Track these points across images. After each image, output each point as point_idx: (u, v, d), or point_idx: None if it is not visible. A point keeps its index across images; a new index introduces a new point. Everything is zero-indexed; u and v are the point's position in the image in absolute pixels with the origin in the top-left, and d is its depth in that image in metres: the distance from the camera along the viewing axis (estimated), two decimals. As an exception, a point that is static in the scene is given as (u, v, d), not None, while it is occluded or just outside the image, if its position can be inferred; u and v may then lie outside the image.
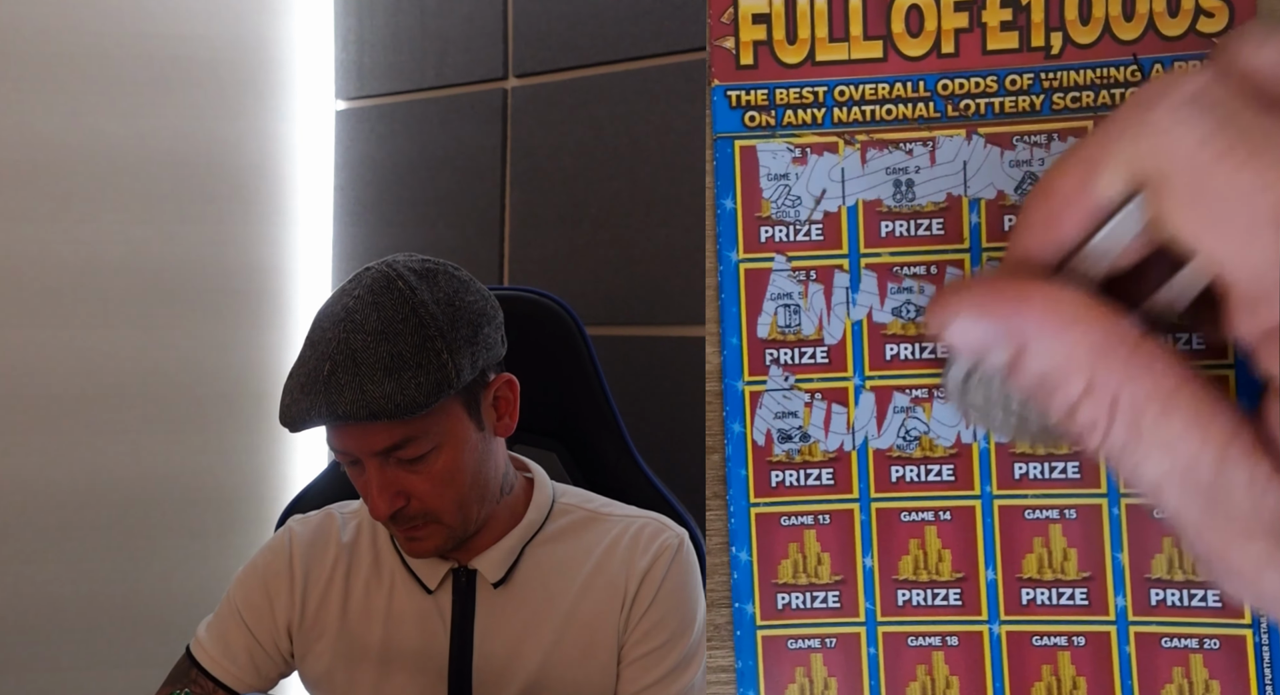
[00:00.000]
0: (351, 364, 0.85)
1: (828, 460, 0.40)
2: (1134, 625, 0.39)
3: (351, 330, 0.87)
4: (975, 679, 0.39)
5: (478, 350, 0.91)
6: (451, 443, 0.92)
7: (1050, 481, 0.40)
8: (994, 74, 0.40)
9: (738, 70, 0.40)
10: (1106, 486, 0.40)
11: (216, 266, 1.94)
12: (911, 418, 0.40)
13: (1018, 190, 0.40)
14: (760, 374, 0.40)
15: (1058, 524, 0.40)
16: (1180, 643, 0.39)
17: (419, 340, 0.87)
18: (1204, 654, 0.39)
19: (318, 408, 0.85)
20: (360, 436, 0.89)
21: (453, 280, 0.93)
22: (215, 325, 1.94)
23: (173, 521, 1.90)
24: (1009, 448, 0.40)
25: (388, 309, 0.88)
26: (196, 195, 1.92)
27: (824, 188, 0.40)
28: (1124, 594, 0.39)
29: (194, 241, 1.91)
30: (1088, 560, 0.40)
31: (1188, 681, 0.39)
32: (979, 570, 0.40)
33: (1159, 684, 0.39)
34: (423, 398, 0.85)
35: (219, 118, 1.94)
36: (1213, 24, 0.39)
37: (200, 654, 1.03)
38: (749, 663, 0.40)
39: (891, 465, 0.40)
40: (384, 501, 0.90)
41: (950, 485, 0.40)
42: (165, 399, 1.89)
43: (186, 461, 1.91)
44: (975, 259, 0.40)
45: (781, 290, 0.40)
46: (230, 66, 1.95)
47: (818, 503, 0.40)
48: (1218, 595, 0.39)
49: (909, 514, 0.40)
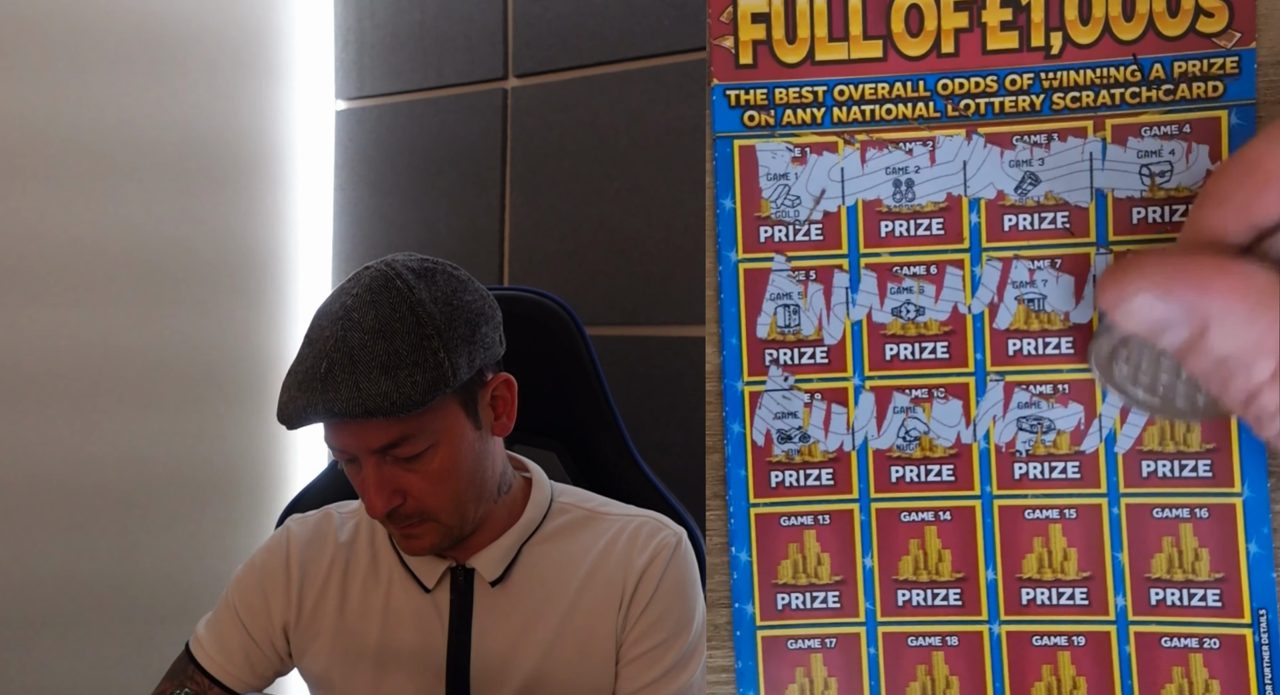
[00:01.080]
0: (348, 362, 0.85)
1: (827, 460, 0.40)
2: (1134, 625, 0.39)
3: (349, 328, 0.87)
4: (975, 679, 0.39)
5: (475, 349, 0.91)
6: (448, 441, 0.92)
7: (1050, 481, 0.40)
8: (994, 74, 0.40)
9: (737, 70, 0.40)
10: (1106, 486, 0.40)
11: (216, 257, 1.94)
12: (911, 418, 0.40)
13: (1017, 190, 0.40)
14: (760, 374, 0.40)
15: (1058, 524, 0.40)
16: (1180, 642, 0.39)
17: (416, 339, 0.87)
18: (1204, 653, 0.39)
19: (314, 405, 0.85)
20: (357, 434, 0.89)
21: (451, 280, 0.93)
22: (214, 315, 1.94)
23: (172, 506, 1.90)
24: (1008, 448, 0.40)
25: (385, 308, 0.88)
26: (197, 189, 1.92)
27: (823, 187, 0.40)
28: (1124, 594, 0.39)
29: (193, 234, 1.91)
30: (1088, 560, 0.40)
31: (1188, 681, 0.39)
32: (979, 570, 0.40)
33: (1159, 684, 0.39)
34: (419, 395, 0.85)
35: (220, 113, 1.94)
36: (1213, 24, 0.39)
37: (199, 651, 1.03)
38: (749, 663, 0.40)
39: (891, 465, 0.40)
40: (380, 499, 0.90)
41: (950, 485, 0.40)
42: (163, 386, 1.89)
43: (185, 447, 1.91)
44: (975, 259, 0.40)
45: (781, 290, 0.40)
46: (232, 60, 1.95)
47: (817, 503, 0.40)
48: (1217, 594, 0.39)
49: (909, 514, 0.40)
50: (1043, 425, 0.40)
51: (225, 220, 1.95)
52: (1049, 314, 0.40)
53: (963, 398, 0.40)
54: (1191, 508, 0.39)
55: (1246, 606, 0.39)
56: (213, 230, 1.94)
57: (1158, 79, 0.39)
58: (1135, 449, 0.40)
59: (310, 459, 2.01)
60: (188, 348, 1.91)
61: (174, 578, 1.88)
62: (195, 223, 1.92)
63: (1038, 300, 0.40)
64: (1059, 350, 0.40)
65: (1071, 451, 0.40)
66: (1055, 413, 0.40)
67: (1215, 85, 0.39)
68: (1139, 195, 0.39)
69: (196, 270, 1.93)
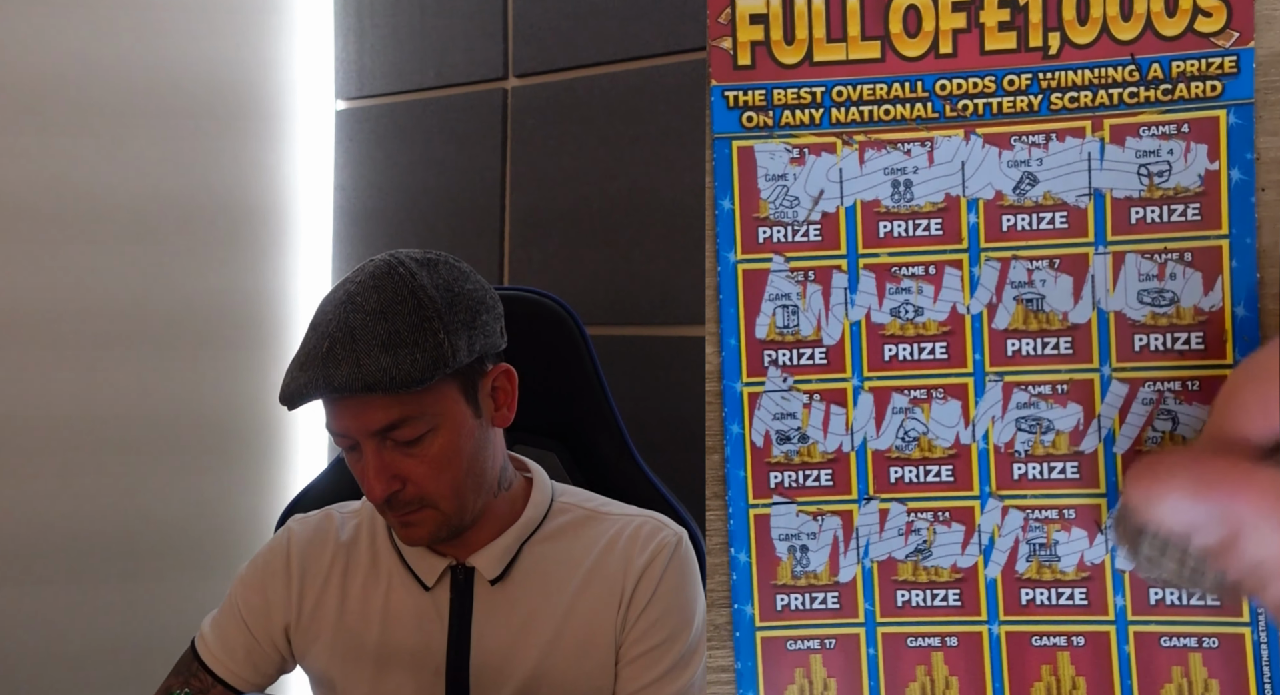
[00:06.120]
0: (349, 340, 0.87)
1: (826, 461, 0.40)
2: (1133, 625, 0.39)
3: (351, 311, 0.89)
4: (975, 679, 0.39)
5: (475, 335, 0.92)
6: (448, 425, 0.92)
7: (1049, 482, 0.40)
8: (992, 74, 0.40)
9: (735, 70, 0.40)
10: (1105, 486, 0.40)
11: (214, 293, 1.94)
12: (910, 418, 0.40)
13: (1016, 190, 0.40)
14: (759, 375, 0.40)
15: (1057, 523, 0.40)
16: (1179, 642, 0.39)
17: (417, 320, 0.89)
18: (1203, 652, 0.39)
19: (315, 381, 0.86)
20: (357, 414, 0.90)
21: (453, 269, 0.95)
22: (215, 356, 1.93)
23: (172, 556, 1.89)
24: (1007, 448, 0.40)
25: (387, 292, 0.90)
26: (194, 216, 1.91)
27: (822, 188, 0.40)
28: (1123, 593, 0.39)
29: (191, 266, 1.91)
30: (1087, 559, 0.40)
31: (1187, 680, 0.39)
32: (978, 570, 0.40)
33: (1158, 683, 0.39)
34: (418, 373, 0.86)
35: (218, 121, 1.94)
36: (1211, 23, 0.39)
37: (203, 649, 1.03)
38: (748, 663, 0.40)
39: (890, 466, 0.40)
40: (380, 484, 0.91)
41: (949, 486, 0.40)
42: (163, 431, 1.89)
43: (186, 495, 1.90)
44: (974, 259, 0.40)
45: (780, 291, 0.40)
46: (230, 70, 1.94)
47: (816, 504, 0.40)
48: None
49: (908, 515, 0.40)
50: (1042, 425, 0.40)
51: (230, 170, 1.95)
52: (1048, 314, 0.40)
53: (961, 398, 0.40)
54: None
55: (1245, 605, 0.39)
56: (216, 181, 1.93)
57: (1156, 79, 0.39)
58: (1134, 449, 0.39)
59: (313, 412, 1.99)
60: (191, 392, 1.91)
61: (177, 526, 1.87)
62: (194, 264, 1.92)
63: (1036, 300, 0.40)
64: (1057, 350, 0.40)
65: (1070, 451, 0.40)
66: (1054, 413, 0.40)
67: (1213, 84, 0.39)
68: (1137, 195, 0.39)
69: (196, 316, 1.93)
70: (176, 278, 1.91)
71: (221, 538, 1.94)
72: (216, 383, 1.96)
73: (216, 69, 1.95)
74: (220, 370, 1.96)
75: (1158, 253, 0.39)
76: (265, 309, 2.01)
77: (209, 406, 1.95)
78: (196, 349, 1.93)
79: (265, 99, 2.02)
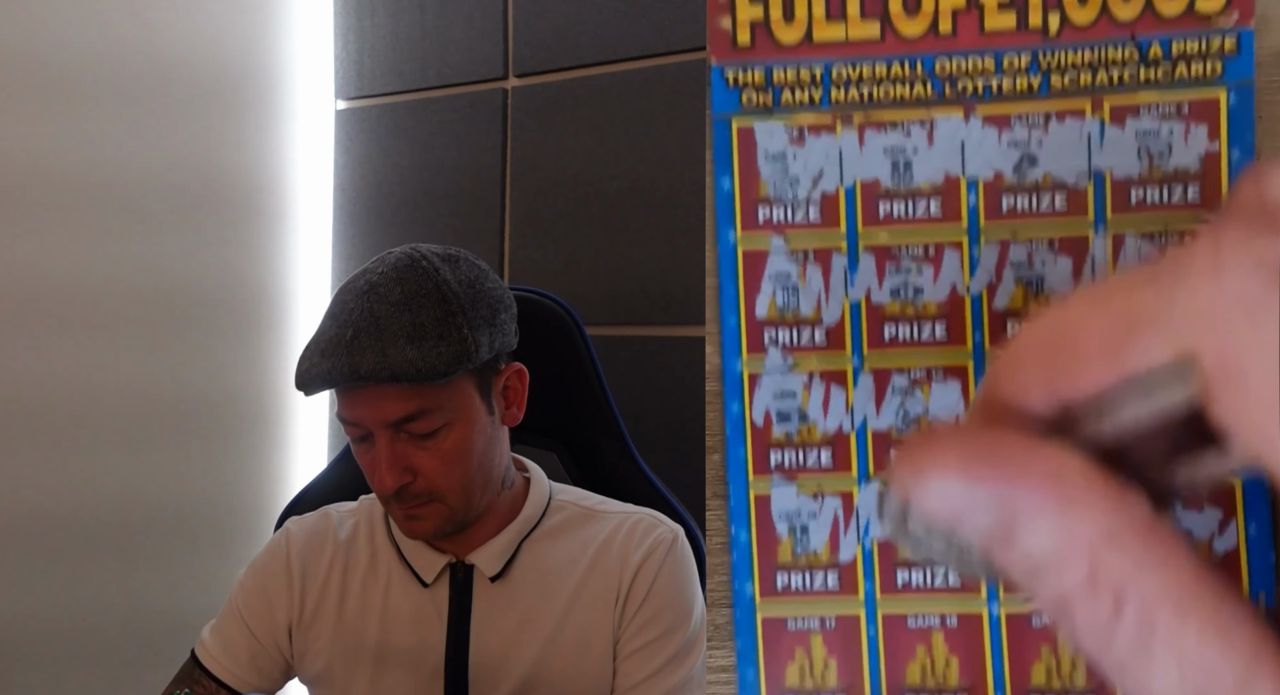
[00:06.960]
0: (375, 329, 0.88)
1: (826, 441, 0.40)
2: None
3: (375, 301, 0.89)
4: (975, 659, 0.39)
5: (495, 332, 0.94)
6: (463, 421, 0.93)
7: (1049, 462, 0.40)
8: (991, 54, 0.40)
9: (734, 49, 0.40)
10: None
11: (215, 278, 1.93)
12: (910, 399, 0.40)
13: (1015, 171, 0.40)
14: (759, 353, 0.40)
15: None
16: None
17: (441, 314, 0.89)
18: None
19: (340, 368, 0.87)
20: (375, 404, 0.90)
21: (473, 267, 0.96)
22: (215, 339, 1.93)
23: (171, 540, 1.88)
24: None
25: (411, 284, 0.90)
26: (194, 205, 1.91)
27: (821, 168, 0.40)
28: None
29: (192, 253, 1.91)
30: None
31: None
32: (978, 552, 0.40)
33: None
34: (443, 366, 0.87)
35: (218, 118, 1.94)
36: (1211, 3, 0.39)
37: (204, 655, 1.03)
38: (749, 642, 0.40)
39: (890, 447, 0.40)
40: (391, 476, 0.91)
41: (949, 466, 0.40)
42: (163, 414, 1.88)
43: (185, 478, 1.90)
44: (973, 239, 0.40)
45: (779, 270, 0.40)
46: (230, 68, 1.95)
47: (816, 483, 0.40)
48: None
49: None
50: (1042, 406, 0.40)
51: (226, 241, 1.95)
52: (1047, 295, 0.40)
53: (962, 378, 0.40)
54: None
55: (1245, 589, 0.39)
56: (212, 252, 1.94)
57: (1156, 59, 0.39)
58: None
59: (313, 397, 1.98)
60: (190, 377, 1.91)
61: (174, 508, 1.87)
62: (195, 247, 1.92)
63: (1036, 281, 0.40)
64: (1058, 331, 0.40)
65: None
66: (1054, 393, 0.40)
67: (1214, 64, 0.39)
68: (1137, 175, 0.39)
69: (196, 298, 1.92)
70: (176, 261, 1.91)
71: (219, 520, 1.94)
72: (215, 367, 1.96)
73: (219, 55, 1.96)
74: (219, 354, 1.96)
75: (1157, 234, 0.39)
76: (265, 293, 2.01)
77: (209, 390, 1.95)
78: (196, 333, 1.93)
79: (267, 87, 2.01)
